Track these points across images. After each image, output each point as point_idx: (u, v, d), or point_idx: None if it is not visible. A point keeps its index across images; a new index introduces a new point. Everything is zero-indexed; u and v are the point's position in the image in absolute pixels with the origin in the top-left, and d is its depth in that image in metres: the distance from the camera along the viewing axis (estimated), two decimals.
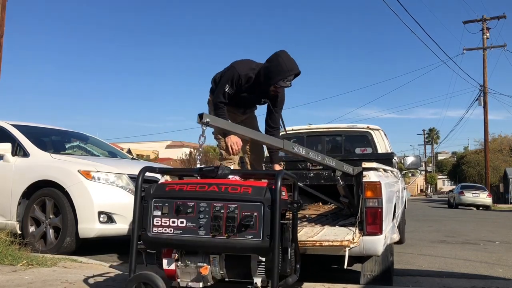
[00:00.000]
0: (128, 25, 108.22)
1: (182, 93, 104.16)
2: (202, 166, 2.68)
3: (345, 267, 2.90)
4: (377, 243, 2.95)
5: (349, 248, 2.78)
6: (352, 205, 3.53)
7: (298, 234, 2.60)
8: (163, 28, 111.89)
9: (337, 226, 3.18)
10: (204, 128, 2.56)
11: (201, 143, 2.58)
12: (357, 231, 2.94)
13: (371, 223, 2.94)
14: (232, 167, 3.47)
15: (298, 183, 2.64)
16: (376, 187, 2.96)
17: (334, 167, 3.09)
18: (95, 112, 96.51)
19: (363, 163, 3.06)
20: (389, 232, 3.23)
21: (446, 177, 65.29)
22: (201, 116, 2.56)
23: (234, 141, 3.48)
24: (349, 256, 2.80)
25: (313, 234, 2.98)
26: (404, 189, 6.33)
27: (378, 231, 2.94)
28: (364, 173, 2.99)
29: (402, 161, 6.92)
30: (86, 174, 4.66)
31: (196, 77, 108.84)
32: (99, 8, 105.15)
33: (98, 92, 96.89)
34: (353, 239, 2.86)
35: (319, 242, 2.81)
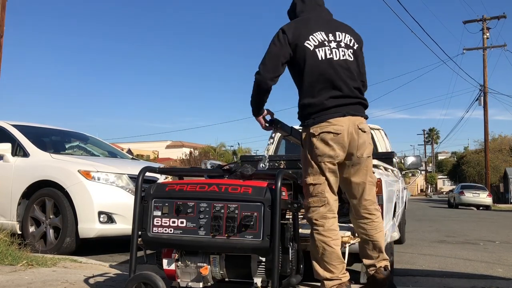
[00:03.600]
0: (129, 25, 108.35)
1: (181, 94, 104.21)
2: (225, 164, 2.69)
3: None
4: None
5: (349, 244, 2.79)
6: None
7: (298, 231, 2.60)
8: (163, 28, 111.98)
9: (337, 223, 3.17)
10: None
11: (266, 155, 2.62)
12: None
13: None
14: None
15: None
16: (376, 184, 2.96)
17: None
18: (95, 112, 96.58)
19: None
20: (389, 230, 3.23)
21: (446, 177, 65.29)
22: (272, 121, 2.69)
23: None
24: (349, 254, 2.80)
25: None
26: (405, 189, 6.33)
27: None
28: None
29: (402, 161, 6.92)
30: (86, 174, 4.66)
31: (197, 78, 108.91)
32: (102, 6, 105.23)
33: (98, 92, 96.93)
34: (353, 236, 2.86)
35: None
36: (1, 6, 4.86)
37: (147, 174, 2.53)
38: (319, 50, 2.63)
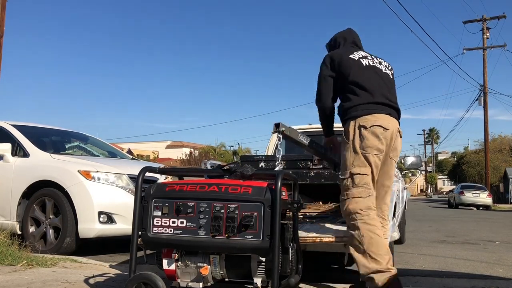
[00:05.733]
0: (128, 28, 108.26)
1: (181, 93, 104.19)
2: (225, 164, 2.71)
3: (345, 264, 2.90)
4: None
5: None
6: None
7: (298, 231, 2.60)
8: (163, 31, 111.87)
9: (337, 223, 3.18)
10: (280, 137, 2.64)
11: (278, 156, 2.69)
12: None
13: None
14: None
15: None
16: None
17: (337, 161, 3.10)
18: (95, 112, 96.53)
19: None
20: (389, 230, 3.23)
21: (446, 177, 65.28)
22: (277, 125, 2.62)
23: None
24: (349, 254, 2.80)
25: (313, 231, 2.98)
26: (405, 189, 6.33)
27: None
28: None
29: (402, 161, 6.91)
30: (86, 174, 4.66)
31: (197, 78, 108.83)
32: (104, 6, 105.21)
33: (97, 92, 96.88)
34: None
35: (319, 238, 2.82)
36: (1, 6, 4.86)
37: (147, 174, 2.53)
38: (363, 60, 2.85)
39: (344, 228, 2.98)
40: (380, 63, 2.93)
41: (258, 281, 2.34)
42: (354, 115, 2.70)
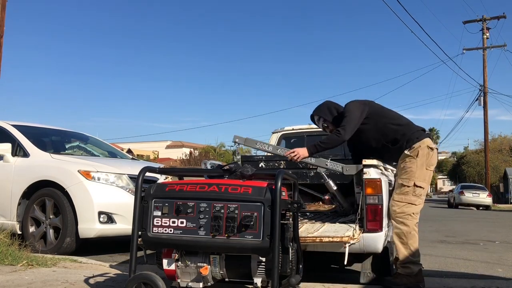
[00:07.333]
0: (128, 28, 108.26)
1: (181, 93, 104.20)
2: (225, 164, 2.73)
3: (345, 264, 2.90)
4: (377, 240, 2.96)
5: (349, 244, 2.79)
6: (341, 203, 3.59)
7: (298, 231, 2.60)
8: (163, 31, 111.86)
9: (337, 223, 3.19)
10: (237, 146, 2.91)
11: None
12: (357, 227, 2.95)
13: (371, 219, 2.95)
14: None
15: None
16: (376, 184, 2.97)
17: (317, 165, 3.22)
18: (96, 112, 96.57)
19: (363, 160, 3.07)
20: (389, 230, 3.24)
21: (446, 177, 65.26)
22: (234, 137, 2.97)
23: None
24: (349, 254, 2.80)
25: (313, 231, 2.99)
26: None
27: (378, 228, 2.95)
28: (365, 170, 3.01)
29: None
30: (86, 174, 4.66)
31: (197, 78, 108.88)
32: (104, 8, 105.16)
33: (98, 93, 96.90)
34: (353, 236, 2.86)
35: (319, 238, 2.82)
36: (1, 6, 4.86)
37: (147, 174, 2.53)
38: None
39: (344, 228, 2.99)
40: None
41: (258, 281, 2.35)
42: (421, 138, 3.19)
